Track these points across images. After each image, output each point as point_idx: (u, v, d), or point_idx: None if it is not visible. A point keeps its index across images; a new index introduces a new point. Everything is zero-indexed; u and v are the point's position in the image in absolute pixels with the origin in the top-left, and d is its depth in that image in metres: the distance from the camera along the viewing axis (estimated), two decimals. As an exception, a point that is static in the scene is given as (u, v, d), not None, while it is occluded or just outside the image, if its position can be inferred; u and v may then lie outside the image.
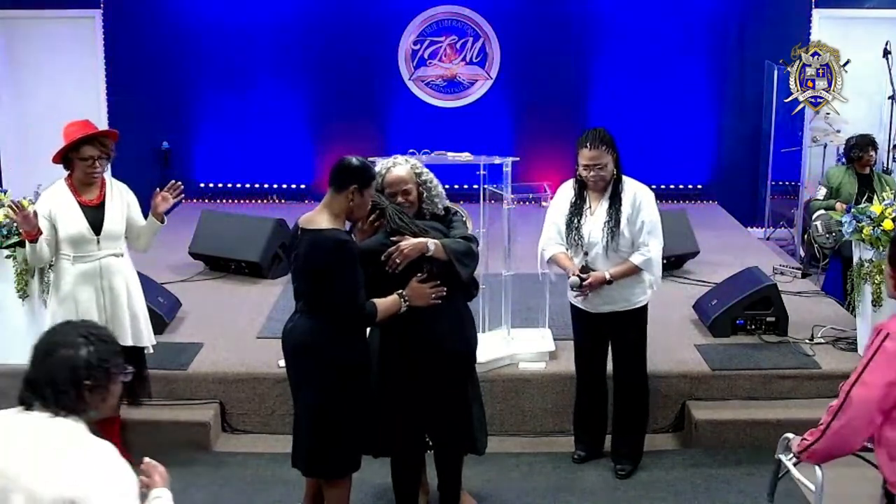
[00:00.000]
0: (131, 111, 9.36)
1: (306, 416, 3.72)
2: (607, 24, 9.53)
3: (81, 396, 2.35)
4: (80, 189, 4.42)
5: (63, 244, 4.39)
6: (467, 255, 3.88)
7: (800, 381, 5.24)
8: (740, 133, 9.64)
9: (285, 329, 3.79)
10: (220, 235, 7.21)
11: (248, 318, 6.07)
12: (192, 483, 4.60)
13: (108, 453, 2.32)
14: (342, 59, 9.45)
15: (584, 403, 4.86)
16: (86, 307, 4.40)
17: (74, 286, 4.40)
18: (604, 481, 4.71)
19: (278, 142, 9.55)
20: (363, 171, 3.63)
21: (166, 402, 5.15)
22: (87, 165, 4.36)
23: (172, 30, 9.38)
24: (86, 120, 4.46)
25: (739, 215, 9.27)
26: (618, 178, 4.51)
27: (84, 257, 4.40)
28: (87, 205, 4.41)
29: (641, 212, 4.46)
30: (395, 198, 3.91)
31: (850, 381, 2.87)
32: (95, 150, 4.35)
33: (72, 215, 4.37)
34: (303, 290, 3.69)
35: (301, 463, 3.84)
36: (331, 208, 3.62)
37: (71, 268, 4.40)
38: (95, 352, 2.39)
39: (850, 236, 5.44)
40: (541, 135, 9.46)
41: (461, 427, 4.03)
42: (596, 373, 4.79)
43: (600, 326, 4.65)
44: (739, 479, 4.69)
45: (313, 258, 3.57)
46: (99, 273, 4.43)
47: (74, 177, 4.42)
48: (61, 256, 4.41)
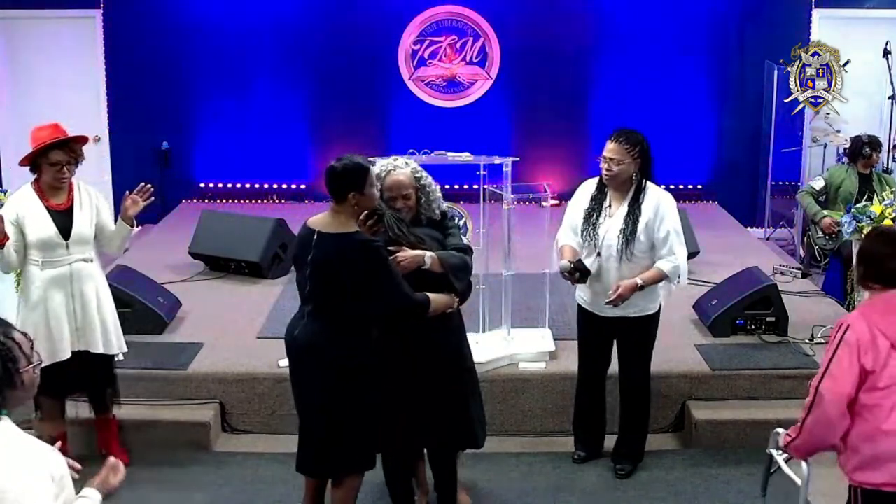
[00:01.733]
0: (131, 111, 9.36)
1: (320, 418, 3.72)
2: (607, 24, 9.52)
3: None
4: (48, 193, 4.38)
5: (32, 249, 4.33)
6: (462, 270, 3.92)
7: (800, 381, 5.22)
8: (740, 133, 9.63)
9: (292, 333, 3.77)
10: (220, 235, 7.21)
11: (248, 318, 6.07)
12: (192, 483, 4.60)
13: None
14: (342, 59, 9.45)
15: (584, 403, 4.86)
16: (56, 313, 4.36)
17: (45, 291, 4.35)
18: (604, 481, 4.72)
19: (278, 142, 9.55)
20: (355, 174, 3.61)
21: (166, 402, 5.15)
22: (55, 170, 4.32)
23: (172, 30, 9.37)
24: (55, 123, 4.43)
25: (739, 215, 9.27)
26: (640, 184, 4.44)
27: (54, 262, 4.36)
28: (56, 209, 4.37)
29: (665, 219, 4.39)
30: (393, 202, 3.91)
31: (818, 376, 2.94)
32: (65, 155, 4.32)
33: (40, 220, 4.32)
34: (320, 294, 3.66)
35: (312, 466, 3.84)
36: (341, 213, 3.63)
37: (40, 273, 4.35)
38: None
39: (850, 236, 5.45)
40: (541, 135, 9.46)
41: (460, 424, 4.04)
42: (598, 373, 4.79)
43: (607, 329, 4.62)
44: (739, 479, 4.69)
45: (346, 262, 3.55)
46: (69, 278, 4.39)
47: (42, 181, 4.37)
48: (30, 262, 4.35)
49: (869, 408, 2.90)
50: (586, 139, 9.66)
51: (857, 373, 2.88)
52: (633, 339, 4.62)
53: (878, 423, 2.89)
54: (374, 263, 3.55)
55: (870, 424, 2.90)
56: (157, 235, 8.43)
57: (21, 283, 4.49)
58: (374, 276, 3.56)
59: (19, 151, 9.98)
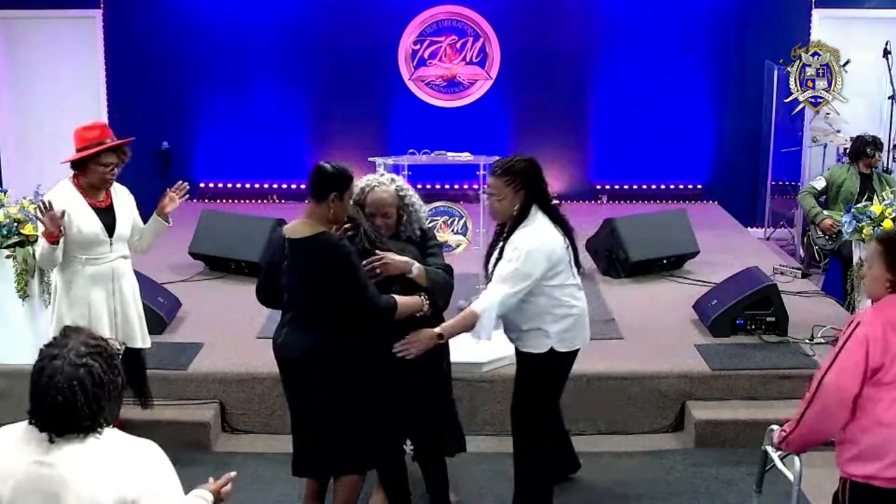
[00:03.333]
0: (131, 111, 9.36)
1: (315, 422, 3.73)
2: (607, 23, 9.53)
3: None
4: (90, 192, 4.40)
5: (74, 246, 4.35)
6: (444, 288, 3.91)
7: (800, 381, 5.21)
8: (740, 133, 9.64)
9: (279, 342, 3.79)
10: (220, 235, 7.21)
11: (248, 318, 6.07)
12: (192, 483, 4.59)
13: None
14: (342, 60, 9.45)
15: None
16: (98, 311, 4.40)
17: (88, 288, 4.39)
18: (604, 481, 4.71)
19: (278, 142, 9.55)
20: (341, 177, 3.64)
21: (166, 402, 5.15)
22: (106, 171, 4.36)
23: (172, 30, 9.38)
24: (102, 123, 4.49)
25: (739, 215, 9.27)
26: (522, 215, 3.91)
27: (96, 259, 4.40)
28: (98, 207, 4.41)
29: (505, 257, 3.89)
30: (373, 218, 3.90)
31: (823, 369, 2.96)
32: (116, 157, 4.37)
33: (86, 217, 4.35)
34: (300, 300, 3.70)
35: (310, 468, 3.85)
36: (314, 217, 3.65)
37: (82, 270, 4.38)
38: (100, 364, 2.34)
39: (850, 236, 5.44)
40: (541, 135, 9.45)
41: (445, 426, 4.06)
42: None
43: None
44: (739, 479, 4.69)
45: (314, 262, 3.58)
46: (111, 276, 4.45)
47: (85, 179, 4.39)
48: (72, 259, 4.37)
49: (872, 400, 2.91)
50: (586, 139, 9.67)
51: (863, 371, 2.88)
52: (517, 374, 4.20)
53: (878, 416, 2.90)
54: (338, 262, 3.55)
55: (869, 417, 2.91)
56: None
57: (59, 280, 4.46)
58: (343, 276, 3.56)
59: (19, 151, 10.03)
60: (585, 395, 5.21)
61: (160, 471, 2.36)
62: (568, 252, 4.00)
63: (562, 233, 3.99)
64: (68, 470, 2.24)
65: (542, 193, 4.00)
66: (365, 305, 3.64)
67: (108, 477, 2.25)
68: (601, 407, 5.22)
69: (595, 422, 5.23)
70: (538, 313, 3.98)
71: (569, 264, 4.01)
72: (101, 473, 2.25)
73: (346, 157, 3.83)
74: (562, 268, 3.96)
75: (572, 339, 4.05)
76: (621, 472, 4.82)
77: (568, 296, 4.01)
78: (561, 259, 3.95)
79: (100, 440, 2.29)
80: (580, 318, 4.08)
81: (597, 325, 5.90)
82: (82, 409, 2.25)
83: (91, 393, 2.26)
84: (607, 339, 5.72)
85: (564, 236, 4.00)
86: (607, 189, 9.69)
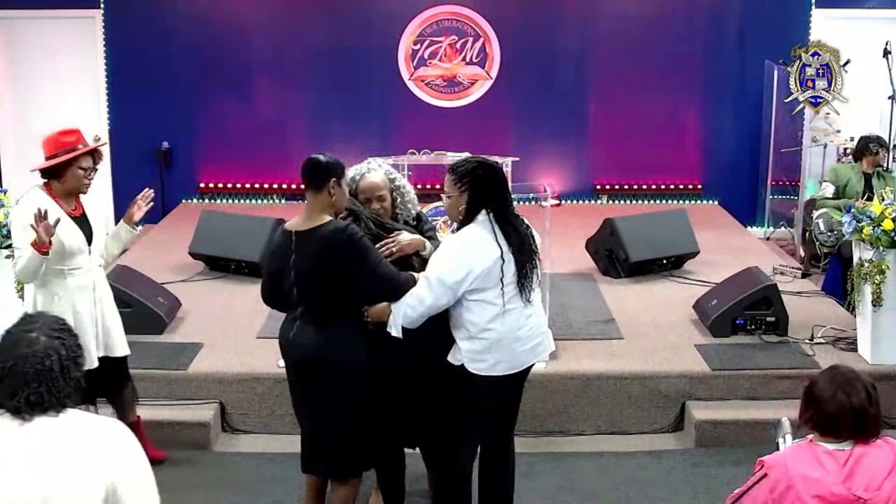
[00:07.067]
0: (131, 111, 9.36)
1: (328, 422, 3.71)
2: (607, 24, 9.52)
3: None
4: (64, 200, 4.28)
5: (55, 257, 4.16)
6: None
7: (800, 381, 5.20)
8: (740, 133, 9.64)
9: (287, 336, 3.76)
10: (220, 235, 7.21)
11: (248, 318, 6.07)
12: (192, 483, 4.60)
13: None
14: (342, 60, 9.45)
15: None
16: (84, 321, 4.30)
17: (72, 300, 4.28)
18: (604, 481, 4.72)
19: (278, 142, 9.55)
20: (336, 165, 3.67)
21: (166, 402, 5.15)
22: (84, 175, 4.28)
23: (172, 30, 9.37)
24: (76, 128, 4.36)
25: (739, 215, 9.27)
26: (468, 217, 3.71)
27: (77, 270, 4.29)
28: (73, 216, 4.29)
29: (433, 257, 3.77)
30: (369, 204, 3.92)
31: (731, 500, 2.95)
32: (92, 161, 4.32)
33: (67, 227, 4.21)
34: (312, 293, 3.66)
35: (321, 467, 3.84)
36: (316, 207, 3.64)
37: (64, 282, 4.26)
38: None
39: (851, 236, 5.44)
40: (541, 135, 9.46)
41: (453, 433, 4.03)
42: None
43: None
44: (739, 480, 4.66)
45: (326, 253, 3.56)
46: (93, 286, 4.37)
47: (60, 187, 4.26)
48: (53, 270, 4.21)
49: None
50: (586, 139, 9.66)
51: None
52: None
53: None
54: (349, 245, 3.55)
55: None
56: (157, 235, 8.43)
57: (40, 295, 4.29)
58: (353, 259, 3.55)
59: (19, 151, 10.02)
60: (585, 395, 5.22)
61: (134, 450, 2.37)
62: (504, 269, 3.61)
63: (509, 248, 3.64)
64: (45, 444, 2.27)
65: (497, 200, 3.69)
66: (383, 285, 3.63)
67: (84, 452, 2.27)
68: (601, 407, 5.23)
69: (595, 422, 5.23)
70: (455, 323, 3.74)
71: (500, 282, 3.61)
72: (76, 449, 2.27)
73: (345, 157, 3.80)
74: (489, 284, 3.61)
75: (492, 364, 3.68)
76: (621, 472, 4.82)
77: (484, 317, 3.65)
78: (487, 274, 3.60)
79: (71, 416, 2.33)
80: (497, 345, 3.67)
81: (597, 325, 5.94)
82: (58, 380, 2.31)
83: (64, 366, 2.34)
84: (607, 339, 5.72)
85: (514, 252, 3.65)
86: (607, 189, 9.70)
